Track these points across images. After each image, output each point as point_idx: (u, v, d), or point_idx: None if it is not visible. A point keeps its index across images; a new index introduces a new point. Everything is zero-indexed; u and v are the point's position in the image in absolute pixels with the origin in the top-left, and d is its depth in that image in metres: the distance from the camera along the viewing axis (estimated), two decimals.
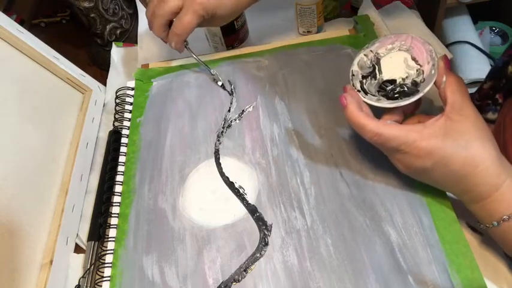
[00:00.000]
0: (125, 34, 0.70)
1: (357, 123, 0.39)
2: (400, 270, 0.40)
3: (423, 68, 0.40)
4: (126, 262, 0.45)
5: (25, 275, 0.43)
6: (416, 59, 0.41)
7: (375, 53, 0.43)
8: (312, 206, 0.46)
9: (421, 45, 0.41)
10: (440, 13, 1.13)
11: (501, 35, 1.29)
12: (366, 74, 0.42)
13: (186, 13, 0.49)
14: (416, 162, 0.38)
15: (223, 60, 0.61)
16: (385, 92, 0.41)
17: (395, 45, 0.43)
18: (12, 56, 0.49)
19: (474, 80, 1.13)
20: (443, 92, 0.38)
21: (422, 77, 0.40)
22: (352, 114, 0.39)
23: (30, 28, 0.66)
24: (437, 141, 0.36)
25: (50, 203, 0.49)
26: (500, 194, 0.36)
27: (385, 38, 0.43)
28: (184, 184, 0.50)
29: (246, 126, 0.54)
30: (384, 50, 0.43)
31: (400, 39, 0.42)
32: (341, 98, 0.40)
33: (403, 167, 0.40)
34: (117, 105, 0.58)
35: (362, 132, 0.39)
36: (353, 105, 0.39)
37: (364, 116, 0.39)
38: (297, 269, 0.42)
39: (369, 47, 0.43)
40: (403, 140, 0.37)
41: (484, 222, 0.38)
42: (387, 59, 0.43)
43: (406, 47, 0.42)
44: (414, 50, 0.42)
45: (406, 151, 0.37)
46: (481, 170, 0.36)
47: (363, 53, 0.43)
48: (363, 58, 0.43)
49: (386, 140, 0.38)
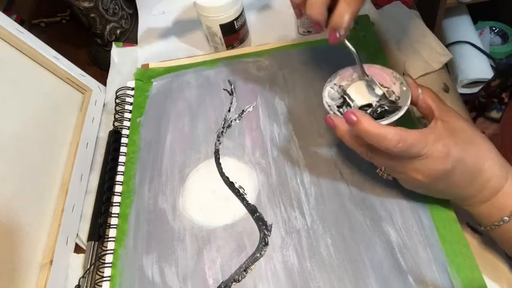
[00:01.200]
0: (125, 34, 0.70)
1: (377, 133, 0.35)
2: (400, 270, 0.40)
3: (391, 89, 0.42)
4: (126, 262, 0.45)
5: (25, 275, 0.43)
6: (381, 83, 0.42)
7: (338, 85, 0.43)
8: (312, 206, 0.46)
9: (380, 71, 0.43)
10: (440, 13, 1.13)
11: (501, 35, 1.29)
12: (339, 104, 0.43)
13: None
14: (438, 165, 0.36)
15: (223, 60, 0.61)
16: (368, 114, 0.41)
17: (355, 76, 0.44)
18: (12, 56, 0.49)
19: (474, 80, 1.13)
20: (424, 101, 0.39)
21: (395, 96, 0.41)
22: (370, 126, 0.35)
23: (30, 28, 0.66)
24: (450, 140, 0.36)
25: (50, 203, 0.49)
26: (508, 186, 0.36)
27: (343, 70, 0.44)
28: (184, 184, 0.50)
29: (246, 126, 0.54)
30: (345, 81, 0.44)
31: (356, 70, 0.43)
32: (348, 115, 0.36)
33: (422, 177, 0.37)
34: (117, 105, 0.58)
35: (384, 142, 0.35)
36: (366, 117, 0.36)
37: (381, 126, 0.35)
38: (297, 269, 0.42)
39: (332, 81, 0.44)
40: (424, 142, 0.35)
41: (492, 221, 0.38)
42: (353, 89, 0.43)
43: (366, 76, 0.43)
44: (375, 77, 0.43)
45: (428, 154, 0.35)
46: (490, 163, 0.36)
47: (329, 86, 0.43)
48: (331, 90, 0.43)
49: (410, 146, 0.35)
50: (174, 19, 0.71)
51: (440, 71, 0.59)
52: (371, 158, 0.39)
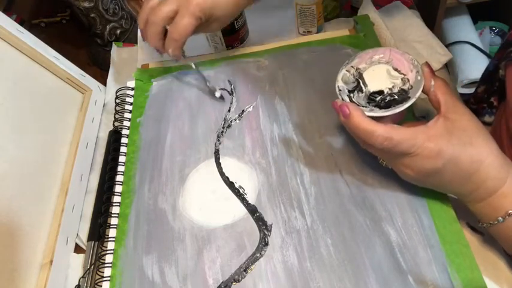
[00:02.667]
0: (125, 34, 0.70)
1: (365, 129, 0.37)
2: (400, 270, 0.40)
3: (407, 76, 0.41)
4: (126, 262, 0.45)
5: (25, 275, 0.43)
6: (398, 69, 0.42)
7: (356, 68, 0.43)
8: (312, 206, 0.46)
9: (400, 56, 0.42)
10: (440, 13, 1.13)
11: (501, 35, 1.29)
12: (352, 89, 0.43)
13: (182, 16, 0.47)
14: (427, 164, 0.37)
15: (223, 60, 0.61)
16: (376, 103, 0.41)
17: (375, 59, 0.43)
18: (12, 56, 0.49)
19: (474, 80, 1.13)
20: (434, 94, 0.39)
21: (409, 84, 0.41)
22: (359, 121, 0.37)
23: (30, 28, 0.66)
24: (444, 140, 0.36)
25: (50, 203, 0.49)
26: (506, 187, 0.36)
27: (364, 52, 0.44)
28: (184, 184, 0.50)
29: (246, 126, 0.54)
30: (364, 64, 0.43)
31: (378, 53, 0.43)
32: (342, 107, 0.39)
33: (412, 172, 0.38)
34: (117, 105, 0.58)
35: (371, 139, 0.37)
36: (358, 112, 0.38)
37: (370, 122, 0.37)
38: (297, 269, 0.42)
39: (349, 63, 0.44)
40: (413, 141, 0.36)
41: (488, 219, 0.38)
42: (370, 72, 0.43)
43: (386, 60, 0.43)
44: (394, 62, 0.42)
45: (417, 153, 0.36)
46: (488, 165, 0.36)
47: (344, 69, 0.43)
48: (346, 74, 0.43)
49: (397, 144, 0.36)
50: None
51: (440, 71, 0.59)
52: (367, 148, 0.41)
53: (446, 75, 0.59)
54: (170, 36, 0.48)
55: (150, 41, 0.49)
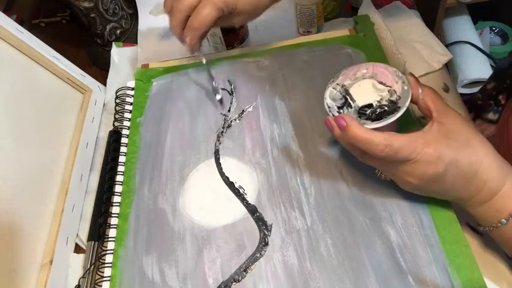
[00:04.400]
0: (125, 34, 0.70)
1: (365, 138, 0.36)
2: (400, 270, 0.40)
3: (393, 88, 0.41)
4: (126, 262, 0.45)
5: (25, 275, 0.43)
6: (383, 82, 0.42)
7: (341, 85, 0.43)
8: (312, 206, 0.46)
9: (383, 69, 0.43)
10: (440, 13, 1.13)
11: (501, 35, 1.29)
12: (340, 105, 0.43)
13: (204, 6, 0.46)
14: (429, 169, 0.36)
15: (223, 60, 0.61)
16: (367, 116, 0.41)
17: (359, 75, 0.44)
18: (12, 56, 0.49)
19: (474, 80, 1.13)
20: (423, 102, 0.39)
21: (397, 95, 0.41)
22: (357, 131, 0.37)
23: (30, 28, 0.66)
24: (442, 144, 0.36)
25: (50, 203, 0.49)
26: (507, 188, 0.36)
27: (347, 70, 0.44)
28: (184, 184, 0.50)
29: (246, 126, 0.54)
30: (349, 81, 0.44)
31: (361, 68, 0.43)
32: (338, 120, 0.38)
33: (414, 180, 0.38)
34: (117, 105, 0.58)
35: (371, 147, 0.36)
36: (355, 122, 0.37)
37: (368, 131, 0.37)
38: (297, 269, 0.42)
39: (334, 81, 0.44)
40: (413, 147, 0.36)
41: (491, 222, 0.38)
42: (356, 88, 0.43)
43: (370, 74, 0.43)
44: (378, 75, 0.43)
45: (417, 159, 0.36)
46: (487, 166, 0.36)
47: (331, 87, 0.43)
48: (333, 91, 0.43)
49: (397, 150, 0.36)
50: None
51: (440, 71, 0.59)
52: (365, 161, 0.40)
53: (446, 75, 0.59)
54: (189, 24, 0.47)
55: (172, 28, 0.49)
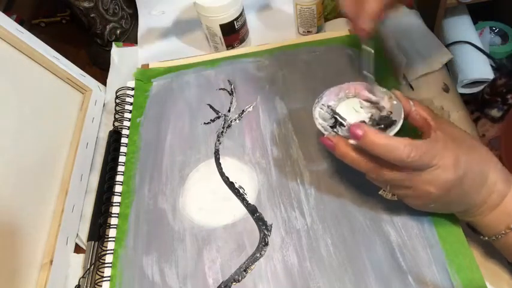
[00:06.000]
0: (125, 34, 0.70)
1: (387, 144, 0.34)
2: (400, 270, 0.40)
3: (381, 104, 0.41)
4: (126, 262, 0.45)
5: (25, 275, 0.43)
6: (368, 100, 0.42)
7: (327, 105, 0.43)
8: (311, 206, 0.46)
9: (365, 87, 0.42)
10: (440, 13, 1.13)
11: (501, 35, 1.29)
12: (332, 125, 0.41)
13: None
14: (450, 174, 0.34)
15: (223, 60, 0.61)
16: None
17: (341, 96, 0.43)
18: (12, 56, 0.49)
19: (474, 80, 1.13)
20: (417, 113, 0.39)
21: (387, 110, 0.40)
22: (378, 138, 0.34)
23: (30, 28, 0.66)
24: (454, 147, 0.35)
25: (50, 203, 0.49)
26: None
27: (328, 91, 0.43)
28: (184, 184, 0.50)
29: (246, 126, 0.54)
30: (333, 102, 0.43)
31: (342, 89, 0.43)
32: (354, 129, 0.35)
33: (435, 189, 0.35)
34: (117, 105, 0.58)
35: (396, 153, 0.33)
36: (372, 129, 0.35)
37: (390, 136, 0.34)
38: (297, 269, 0.42)
39: (319, 102, 0.43)
40: (435, 151, 0.34)
41: (501, 229, 0.37)
42: (342, 107, 0.42)
43: (353, 94, 0.43)
44: (361, 94, 0.42)
45: (439, 164, 0.34)
46: (493, 167, 0.36)
47: (318, 107, 0.42)
48: (321, 111, 0.42)
49: (422, 155, 0.33)
50: (174, 19, 0.71)
51: (440, 71, 0.59)
52: (377, 175, 0.37)
53: (446, 75, 0.59)
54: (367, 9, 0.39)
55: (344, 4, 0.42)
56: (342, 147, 0.37)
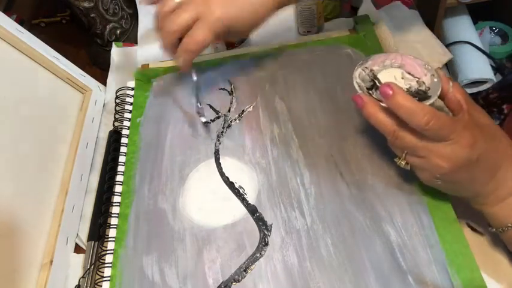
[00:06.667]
0: (125, 34, 0.70)
1: (411, 107, 0.35)
2: (400, 270, 0.40)
3: (422, 79, 0.41)
4: (126, 262, 0.45)
5: (25, 275, 0.43)
6: (411, 73, 0.42)
7: (370, 69, 0.43)
8: (311, 206, 0.46)
9: (412, 61, 0.42)
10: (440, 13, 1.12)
11: (501, 35, 1.29)
12: (369, 87, 0.42)
13: (200, 29, 0.43)
14: (464, 153, 0.35)
15: (223, 60, 0.61)
16: None
17: (387, 63, 0.43)
18: (12, 56, 0.49)
19: (474, 80, 1.13)
20: (453, 95, 0.39)
21: (425, 86, 0.40)
22: (404, 99, 0.35)
23: (30, 28, 0.66)
24: (477, 132, 0.36)
25: (50, 203, 0.49)
26: None
27: (376, 56, 0.43)
28: (184, 184, 0.50)
29: (246, 126, 0.54)
30: (377, 67, 0.43)
31: (389, 57, 0.43)
32: (384, 88, 0.36)
33: (447, 164, 0.36)
34: (117, 105, 0.58)
35: (416, 118, 0.35)
36: (401, 90, 0.36)
37: (415, 101, 0.35)
38: (297, 269, 0.42)
39: (363, 64, 0.43)
40: (454, 127, 0.35)
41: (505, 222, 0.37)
42: (384, 74, 0.42)
43: (398, 64, 0.43)
44: (407, 66, 0.42)
45: (456, 140, 0.35)
46: (508, 163, 0.37)
47: (360, 69, 0.43)
48: (362, 73, 0.43)
49: (441, 126, 0.35)
50: None
51: None
52: (398, 139, 0.38)
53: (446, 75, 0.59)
54: (184, 47, 0.45)
55: (164, 48, 0.46)
56: (371, 107, 0.38)
